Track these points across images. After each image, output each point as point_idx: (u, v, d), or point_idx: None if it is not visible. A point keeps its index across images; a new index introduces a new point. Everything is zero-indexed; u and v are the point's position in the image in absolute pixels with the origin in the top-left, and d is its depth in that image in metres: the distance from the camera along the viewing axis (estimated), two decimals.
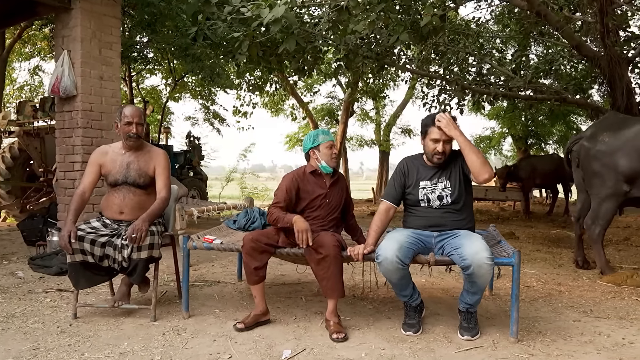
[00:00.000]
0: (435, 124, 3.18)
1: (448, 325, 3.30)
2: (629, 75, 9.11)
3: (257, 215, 4.08)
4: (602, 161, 4.81)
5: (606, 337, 3.10)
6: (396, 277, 3.08)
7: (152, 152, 3.55)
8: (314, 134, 3.45)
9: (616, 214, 5.01)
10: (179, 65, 11.54)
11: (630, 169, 4.64)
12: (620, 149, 4.71)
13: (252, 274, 3.21)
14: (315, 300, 3.90)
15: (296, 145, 21.10)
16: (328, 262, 3.11)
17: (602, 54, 8.79)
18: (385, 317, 3.50)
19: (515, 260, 2.97)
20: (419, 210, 3.29)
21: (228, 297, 3.94)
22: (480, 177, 3.03)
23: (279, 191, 3.40)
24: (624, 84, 9.16)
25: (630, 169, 4.64)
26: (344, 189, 3.56)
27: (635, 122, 4.85)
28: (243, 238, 3.25)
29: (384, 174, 20.98)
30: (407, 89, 19.61)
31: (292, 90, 17.04)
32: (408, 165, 3.36)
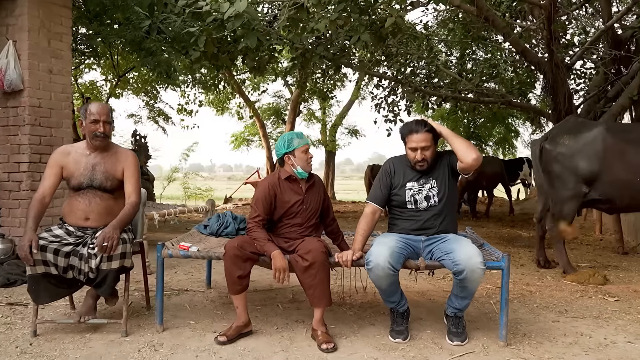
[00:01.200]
0: (410, 133, 3.14)
1: (434, 331, 3.25)
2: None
3: (230, 219, 3.88)
4: (563, 163, 4.96)
5: (588, 337, 3.15)
6: (386, 284, 3.00)
7: (119, 153, 3.28)
8: (288, 138, 3.28)
9: (576, 214, 5.18)
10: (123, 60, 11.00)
11: (589, 172, 4.81)
12: (580, 152, 4.87)
13: (235, 283, 3.02)
14: (292, 307, 3.75)
15: (242, 144, 20.75)
16: (315, 270, 2.98)
17: (546, 60, 9.12)
18: (368, 323, 3.41)
19: (505, 264, 2.96)
20: (406, 213, 3.22)
21: (200, 307, 3.72)
22: (468, 158, 2.97)
23: (255, 203, 3.23)
24: (566, 88, 9.59)
25: (590, 171, 4.81)
26: (321, 192, 3.43)
27: (595, 126, 5.03)
28: (225, 245, 3.05)
29: (330, 174, 21.02)
30: (354, 89, 19.78)
31: (238, 88, 16.71)
32: (394, 165, 3.29)
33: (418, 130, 3.11)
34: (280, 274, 2.98)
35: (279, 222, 3.30)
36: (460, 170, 3.11)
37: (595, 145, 4.83)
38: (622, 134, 4.93)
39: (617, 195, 4.86)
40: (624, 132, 4.98)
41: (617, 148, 4.79)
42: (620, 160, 4.77)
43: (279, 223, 3.31)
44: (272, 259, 3.00)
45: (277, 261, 2.98)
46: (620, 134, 4.91)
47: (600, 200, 4.93)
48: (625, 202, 4.90)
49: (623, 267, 5.35)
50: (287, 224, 3.28)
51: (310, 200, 3.32)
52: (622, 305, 3.87)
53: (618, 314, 3.66)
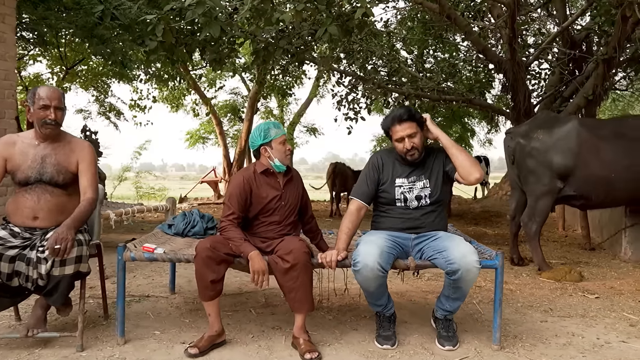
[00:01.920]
0: (393, 124, 2.92)
1: (422, 335, 3.05)
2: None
3: (197, 218, 3.55)
4: (537, 158, 4.89)
5: (581, 337, 3.02)
6: (375, 286, 2.77)
7: (73, 143, 2.91)
8: (265, 128, 2.98)
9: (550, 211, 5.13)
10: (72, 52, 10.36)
11: (564, 166, 4.76)
12: (554, 147, 4.82)
13: (208, 289, 2.71)
14: (267, 312, 3.47)
15: (198, 142, 20.14)
16: (297, 272, 2.72)
17: (507, 59, 9.16)
18: (350, 328, 3.17)
19: (499, 262, 2.79)
20: (394, 211, 3.00)
21: (165, 315, 3.37)
22: (471, 177, 2.81)
23: (229, 199, 2.93)
24: (525, 87, 9.69)
25: (564, 166, 4.76)
26: (300, 187, 3.16)
27: (568, 120, 4.99)
28: (196, 246, 2.74)
29: None
30: (312, 87, 19.55)
31: (194, 84, 16.15)
32: (382, 159, 3.06)
33: (400, 119, 2.89)
34: (259, 277, 2.70)
35: (255, 220, 3.02)
36: (458, 181, 2.93)
37: (569, 139, 4.79)
38: (596, 129, 4.91)
39: (592, 191, 4.83)
40: (597, 127, 4.96)
41: (592, 143, 4.77)
42: (594, 155, 4.74)
43: (255, 221, 3.02)
44: (250, 261, 2.71)
45: (255, 263, 2.70)
46: (594, 129, 4.89)
47: (575, 196, 4.89)
48: (600, 198, 4.88)
49: (593, 263, 5.34)
50: (264, 222, 3.00)
51: (288, 195, 3.05)
52: (604, 303, 3.79)
53: (603, 311, 3.57)
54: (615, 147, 4.77)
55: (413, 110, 2.93)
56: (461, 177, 2.85)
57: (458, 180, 2.93)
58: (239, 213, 2.92)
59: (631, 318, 3.40)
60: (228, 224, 2.88)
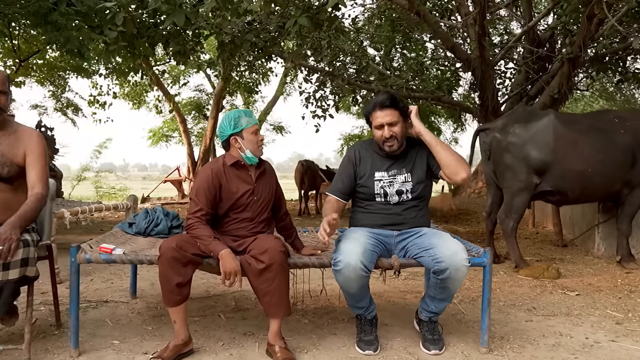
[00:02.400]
0: (374, 109, 2.72)
1: (405, 338, 2.86)
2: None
3: (161, 216, 3.28)
4: (514, 153, 4.79)
5: (569, 337, 2.89)
6: (357, 287, 2.56)
7: (20, 132, 2.59)
8: (235, 117, 2.73)
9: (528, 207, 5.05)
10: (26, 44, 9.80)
11: (540, 161, 4.68)
12: (531, 141, 4.73)
13: (173, 293, 2.45)
14: (237, 317, 3.22)
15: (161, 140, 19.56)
16: (272, 273, 2.48)
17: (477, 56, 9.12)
18: (328, 333, 2.96)
19: (487, 260, 2.62)
20: (374, 206, 2.80)
21: (125, 322, 3.08)
22: (457, 177, 2.64)
23: (196, 194, 2.67)
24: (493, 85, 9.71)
25: (541, 161, 4.67)
26: (273, 181, 2.93)
27: (545, 114, 4.92)
28: (160, 246, 2.47)
29: None
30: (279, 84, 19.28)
31: (157, 80, 15.65)
32: (360, 152, 2.85)
33: (383, 104, 2.69)
34: (231, 279, 2.46)
35: (225, 217, 2.77)
36: (442, 179, 2.76)
37: (546, 134, 4.72)
38: (572, 123, 4.86)
39: (568, 186, 4.77)
40: (574, 122, 4.91)
41: (568, 137, 4.71)
42: (571, 150, 4.69)
43: (225, 218, 2.77)
44: (220, 261, 2.47)
45: (226, 263, 2.46)
46: (570, 123, 4.83)
47: (551, 191, 4.82)
48: (576, 193, 4.82)
49: (568, 259, 5.28)
50: (235, 219, 2.76)
51: (261, 190, 2.81)
52: (586, 300, 3.70)
53: (586, 309, 3.46)
54: (592, 141, 4.72)
55: (397, 97, 2.73)
56: (447, 176, 2.68)
57: (443, 178, 2.76)
58: (208, 209, 2.67)
59: (616, 316, 3.31)
60: (195, 221, 2.62)
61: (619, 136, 4.79)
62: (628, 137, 4.78)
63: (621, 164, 4.76)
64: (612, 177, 4.76)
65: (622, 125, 4.89)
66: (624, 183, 4.86)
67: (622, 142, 4.77)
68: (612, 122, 4.92)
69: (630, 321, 3.20)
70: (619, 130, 4.85)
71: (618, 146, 4.74)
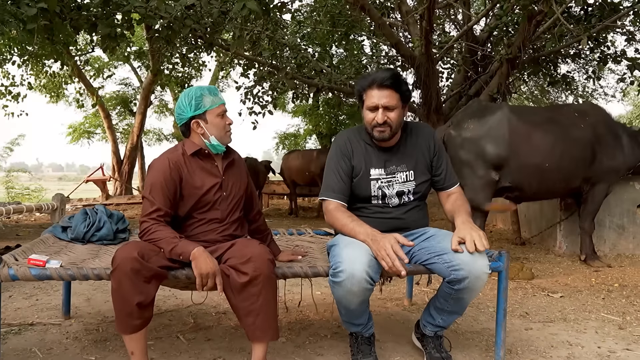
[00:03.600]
0: (370, 86, 2.26)
1: (403, 356, 2.47)
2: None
3: (104, 217, 2.67)
4: (470, 149, 4.57)
5: (580, 347, 2.62)
6: (358, 301, 2.13)
7: None
8: (197, 95, 2.22)
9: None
10: None
11: (497, 156, 4.48)
12: (486, 136, 4.54)
13: (132, 316, 1.90)
14: (200, 337, 2.68)
15: (82, 137, 18.09)
16: (258, 287, 2.00)
17: (422, 53, 9.00)
18: (314, 354, 2.50)
19: (504, 264, 2.28)
20: (369, 209, 2.37)
21: (59, 351, 2.46)
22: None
23: (151, 191, 2.15)
24: (437, 83, 9.64)
25: (497, 155, 4.48)
26: (244, 174, 2.44)
27: (499, 107, 4.74)
28: (115, 256, 1.91)
29: None
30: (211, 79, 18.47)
31: (78, 72, 14.40)
32: (351, 143, 2.39)
33: (382, 82, 2.21)
34: (209, 281, 1.97)
35: (189, 219, 2.25)
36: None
37: (501, 127, 4.53)
38: (528, 116, 4.72)
39: (525, 181, 4.61)
40: (530, 115, 4.77)
41: (524, 131, 4.55)
42: (527, 143, 4.53)
43: (188, 220, 2.25)
44: (194, 262, 1.97)
45: (201, 263, 1.96)
46: (526, 117, 4.68)
47: (510, 187, 4.65)
48: (533, 189, 4.67)
49: (532, 258, 5.13)
50: (201, 221, 2.25)
51: (230, 184, 2.32)
52: (573, 303, 3.48)
53: (580, 313, 3.23)
54: (549, 135, 4.58)
55: (401, 78, 2.29)
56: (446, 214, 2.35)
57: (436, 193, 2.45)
58: (166, 209, 2.14)
59: (614, 319, 3.09)
60: (152, 223, 2.09)
61: (578, 131, 4.68)
62: (588, 132, 4.69)
63: (581, 159, 4.66)
64: (571, 172, 4.65)
65: (582, 119, 4.80)
66: (584, 179, 4.77)
67: (581, 137, 4.66)
68: (572, 116, 4.81)
69: (632, 325, 2.99)
70: (579, 125, 4.75)
71: (577, 141, 4.63)
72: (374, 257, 2.07)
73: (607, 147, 4.77)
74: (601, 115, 5.02)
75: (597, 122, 4.82)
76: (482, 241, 2.05)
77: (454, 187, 2.45)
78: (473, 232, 2.08)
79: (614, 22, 7.98)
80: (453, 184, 2.45)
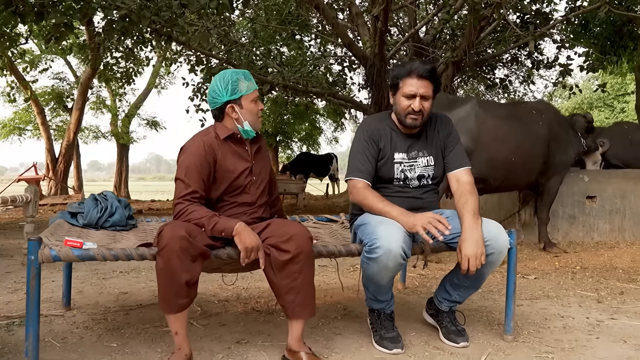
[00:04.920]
0: (410, 75, 2.39)
1: (419, 332, 2.58)
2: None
3: (116, 203, 2.61)
4: None
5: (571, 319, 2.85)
6: (389, 277, 2.25)
7: None
8: (233, 79, 2.22)
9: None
10: None
11: (464, 148, 4.71)
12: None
13: (180, 295, 1.90)
14: (214, 323, 2.68)
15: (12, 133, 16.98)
16: (299, 265, 2.06)
17: (376, 53, 9.24)
18: (332, 333, 2.57)
19: (514, 241, 2.45)
20: (390, 189, 2.47)
21: (75, 340, 2.38)
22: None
23: (187, 173, 2.14)
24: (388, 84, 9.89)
25: (465, 147, 4.70)
26: (268, 159, 2.50)
27: (467, 101, 4.96)
28: (161, 235, 1.89)
29: (123, 170, 18.72)
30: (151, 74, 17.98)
31: (10, 63, 13.54)
32: (378, 129, 2.49)
33: (422, 74, 2.34)
34: (252, 254, 2.02)
35: (219, 202, 2.26)
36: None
37: (468, 120, 4.72)
38: (494, 111, 4.97)
39: (491, 174, 4.84)
40: (495, 110, 5.03)
41: (491, 125, 4.75)
42: (494, 137, 4.74)
43: (219, 203, 2.26)
44: (237, 237, 2.01)
45: (245, 237, 2.00)
46: (492, 111, 4.93)
47: (475, 179, 4.88)
48: (498, 181, 4.93)
49: None
50: (233, 204, 2.27)
51: (259, 168, 2.36)
52: (548, 283, 3.75)
53: (558, 291, 3.50)
54: (514, 131, 4.86)
55: (437, 69, 2.42)
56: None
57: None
58: (201, 192, 2.15)
59: (590, 295, 3.38)
60: (189, 204, 2.09)
61: (537, 127, 5.02)
62: (544, 129, 5.04)
63: (540, 154, 5.00)
64: (532, 167, 4.97)
65: (539, 117, 5.15)
66: (541, 173, 5.13)
67: (540, 134, 5.01)
68: (531, 114, 5.15)
69: (607, 299, 3.28)
70: (538, 122, 5.10)
71: (537, 137, 4.96)
72: (407, 234, 2.18)
73: (560, 142, 5.16)
74: (554, 113, 5.43)
75: (551, 119, 5.20)
76: (476, 262, 2.16)
77: (460, 169, 2.57)
78: (471, 251, 2.17)
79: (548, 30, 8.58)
80: (459, 166, 2.58)
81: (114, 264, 4.12)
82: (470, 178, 2.52)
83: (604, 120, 21.09)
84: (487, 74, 12.69)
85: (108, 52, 11.49)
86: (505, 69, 13.27)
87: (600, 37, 10.79)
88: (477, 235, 2.20)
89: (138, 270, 3.95)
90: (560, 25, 9.33)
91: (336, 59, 12.75)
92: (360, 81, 12.79)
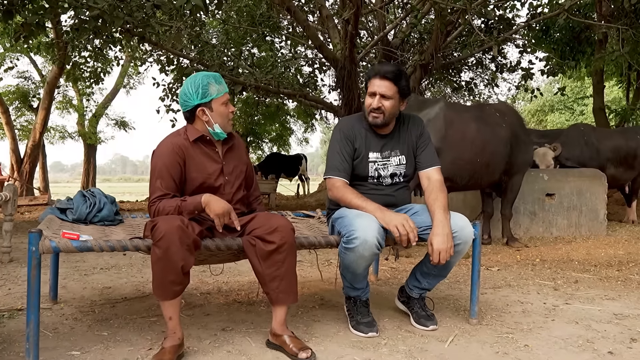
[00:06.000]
0: (374, 76, 2.59)
1: (391, 318, 2.78)
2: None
3: (103, 199, 2.72)
4: None
5: (530, 304, 3.09)
6: (364, 266, 2.44)
7: None
8: (203, 83, 2.34)
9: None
10: None
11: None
12: None
13: (175, 282, 2.05)
14: (199, 313, 2.82)
15: None
16: (283, 255, 2.22)
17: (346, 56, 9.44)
18: (311, 320, 2.74)
19: (477, 232, 2.68)
20: (365, 186, 2.66)
21: (67, 330, 2.48)
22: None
23: (158, 175, 2.27)
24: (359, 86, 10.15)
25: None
26: (243, 155, 2.63)
27: (436, 102, 5.19)
28: (158, 226, 2.03)
29: (91, 171, 18.46)
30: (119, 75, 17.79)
31: None
32: (353, 128, 2.68)
33: (384, 75, 2.54)
34: (223, 219, 2.21)
35: None
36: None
37: (437, 121, 4.91)
38: (461, 112, 5.21)
39: (458, 174, 5.09)
40: (462, 111, 5.28)
41: (458, 126, 4.96)
42: (461, 138, 4.97)
43: None
44: (207, 206, 2.19)
45: (214, 205, 2.20)
46: (459, 113, 5.17)
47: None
48: (464, 181, 5.18)
49: None
50: None
51: (231, 167, 2.48)
52: (510, 274, 4.01)
53: (519, 280, 3.76)
54: (479, 131, 5.11)
55: (404, 74, 2.61)
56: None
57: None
58: (174, 192, 2.29)
59: (547, 284, 3.65)
60: (159, 202, 2.24)
61: (500, 129, 5.30)
62: (507, 130, 5.33)
63: (504, 154, 5.29)
64: (496, 166, 5.24)
65: (502, 119, 5.44)
66: (504, 172, 5.42)
67: (503, 135, 5.29)
68: (494, 116, 5.43)
69: (563, 287, 3.55)
70: (501, 124, 5.38)
71: (501, 138, 5.25)
72: (381, 226, 2.37)
73: (521, 143, 5.46)
74: (515, 116, 5.74)
75: (513, 121, 5.50)
76: (446, 255, 2.37)
77: (431, 167, 2.76)
78: (442, 245, 2.36)
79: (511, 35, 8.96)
80: (430, 165, 2.77)
81: (95, 260, 4.20)
82: (440, 176, 2.68)
83: (564, 123, 21.91)
84: (454, 76, 13.09)
85: (76, 51, 11.38)
86: (471, 72, 13.66)
87: (560, 42, 11.30)
88: (447, 230, 2.41)
89: (118, 267, 4.04)
90: (523, 30, 9.72)
91: (307, 60, 12.93)
92: (330, 83, 12.97)
